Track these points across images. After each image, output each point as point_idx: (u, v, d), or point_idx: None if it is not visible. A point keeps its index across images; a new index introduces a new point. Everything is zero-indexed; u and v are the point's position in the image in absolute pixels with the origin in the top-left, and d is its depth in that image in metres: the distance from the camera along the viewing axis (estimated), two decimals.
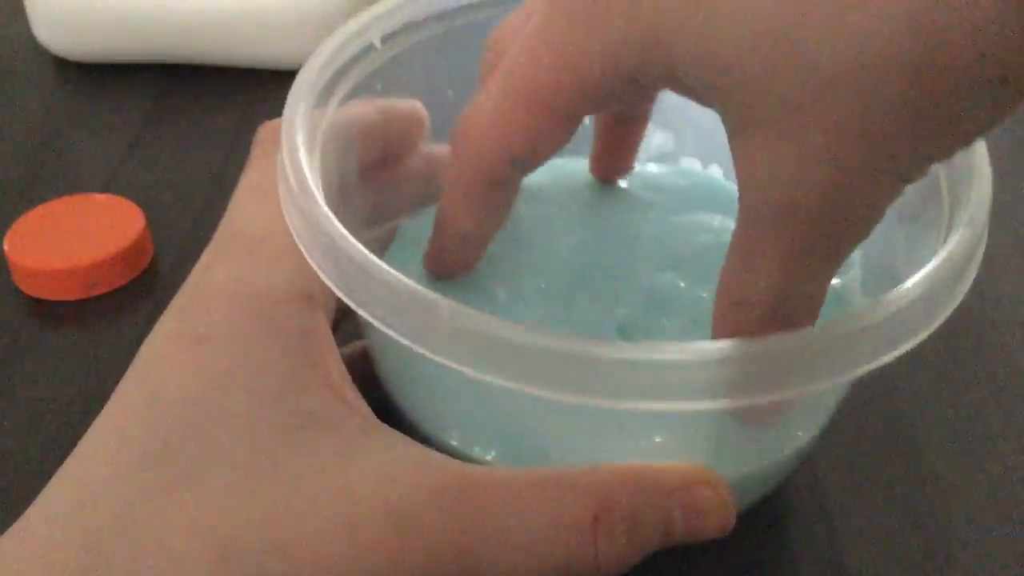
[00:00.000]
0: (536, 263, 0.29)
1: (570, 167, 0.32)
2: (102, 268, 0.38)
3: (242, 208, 0.26)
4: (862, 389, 0.34)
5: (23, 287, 0.38)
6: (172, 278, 0.39)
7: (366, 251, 0.21)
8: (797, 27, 0.17)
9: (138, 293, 0.38)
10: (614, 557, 0.22)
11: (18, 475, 0.31)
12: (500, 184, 0.25)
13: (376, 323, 0.21)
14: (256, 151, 0.28)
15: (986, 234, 0.24)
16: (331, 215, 0.22)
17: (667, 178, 0.33)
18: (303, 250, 0.23)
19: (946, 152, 0.19)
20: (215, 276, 0.24)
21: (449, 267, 0.27)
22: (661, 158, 0.34)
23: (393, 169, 0.29)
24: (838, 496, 0.31)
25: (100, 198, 0.41)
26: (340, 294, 0.22)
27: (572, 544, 0.21)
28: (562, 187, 0.31)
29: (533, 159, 0.24)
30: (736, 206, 0.21)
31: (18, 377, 0.35)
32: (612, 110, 0.30)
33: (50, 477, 0.22)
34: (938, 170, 0.25)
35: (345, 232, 0.22)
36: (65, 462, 0.22)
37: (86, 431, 0.23)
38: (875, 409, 0.33)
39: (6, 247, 0.38)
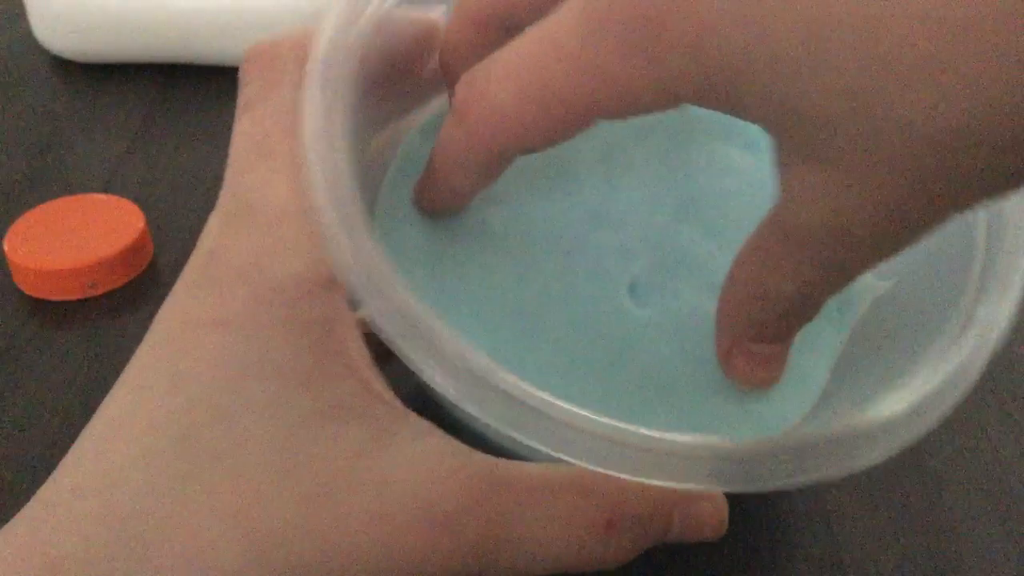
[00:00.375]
0: (546, 205, 0.28)
1: None
2: (102, 268, 0.38)
3: (248, 174, 0.25)
4: None
5: (23, 287, 0.38)
6: (172, 278, 0.39)
7: (421, 305, 0.21)
8: (889, 85, 0.17)
9: (138, 293, 0.38)
10: (620, 556, 0.24)
11: (18, 475, 0.31)
12: (506, 160, 0.24)
13: (415, 368, 0.21)
14: (251, 88, 0.26)
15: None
16: (389, 267, 0.22)
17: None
18: (357, 293, 0.22)
19: (1010, 195, 0.20)
20: (230, 255, 0.24)
21: (438, 210, 0.27)
22: None
23: (407, 82, 0.29)
24: (838, 496, 0.31)
25: (100, 198, 0.41)
26: (386, 341, 0.22)
27: (585, 544, 0.23)
28: None
29: (547, 148, 0.24)
30: (758, 140, 0.22)
31: (18, 377, 0.35)
32: None
33: (50, 477, 0.22)
34: None
35: (410, 298, 0.21)
36: (81, 439, 0.22)
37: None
38: None
39: (6, 247, 0.38)
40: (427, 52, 0.28)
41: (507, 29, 0.26)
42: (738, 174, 0.30)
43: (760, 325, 0.24)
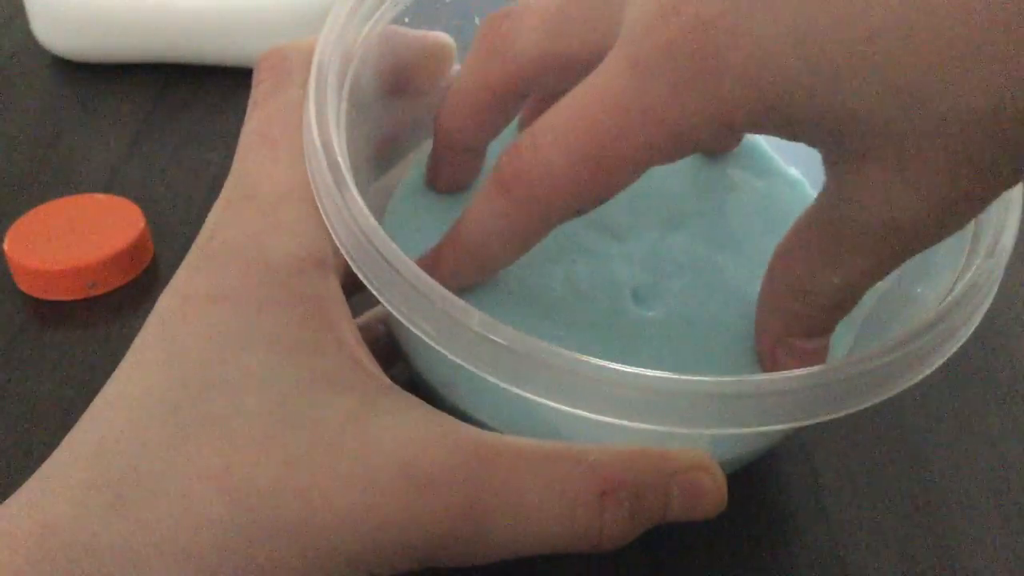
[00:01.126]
0: None
1: None
2: (102, 268, 0.38)
3: (252, 162, 0.26)
4: None
5: (23, 287, 0.38)
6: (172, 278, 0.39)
7: (408, 260, 0.22)
8: (932, 80, 0.19)
9: (138, 293, 0.38)
10: (616, 533, 0.23)
11: (18, 475, 0.31)
12: (552, 226, 0.25)
13: (405, 322, 0.22)
14: (261, 88, 0.27)
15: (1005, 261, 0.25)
16: (375, 224, 0.23)
17: None
18: (344, 253, 0.23)
19: None
20: (228, 236, 0.25)
21: (461, 284, 0.27)
22: None
23: (417, 99, 0.29)
24: (838, 496, 0.31)
25: (100, 198, 0.41)
26: (376, 294, 0.23)
27: (578, 517, 0.22)
28: None
29: (597, 206, 0.24)
30: (766, 165, 0.24)
31: (18, 377, 0.35)
32: None
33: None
34: None
35: (392, 244, 0.22)
36: (85, 414, 0.23)
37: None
38: (875, 409, 0.33)
39: (6, 247, 0.38)
40: (437, 67, 0.29)
41: (523, 97, 0.26)
42: (741, 191, 0.31)
43: (805, 319, 0.25)
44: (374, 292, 0.23)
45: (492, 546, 0.22)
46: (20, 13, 0.53)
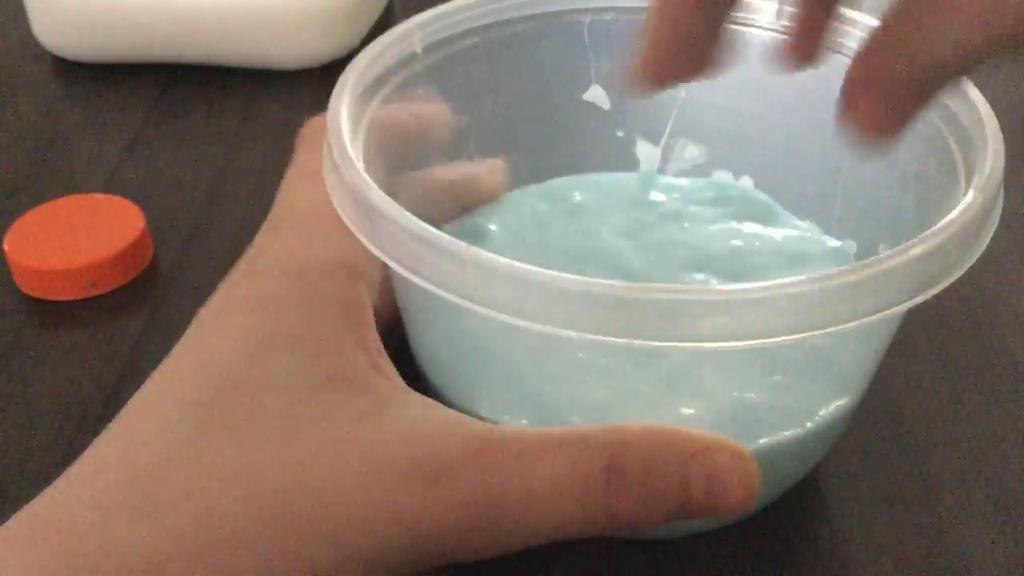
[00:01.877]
0: (573, 267, 0.30)
1: (612, 184, 0.34)
2: (102, 268, 0.38)
3: (292, 190, 0.28)
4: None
5: (23, 287, 0.38)
6: (172, 278, 0.39)
7: (396, 204, 0.23)
8: None
9: (138, 293, 0.38)
10: (627, 512, 0.22)
11: (18, 475, 0.31)
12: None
13: (411, 277, 0.22)
14: (301, 146, 0.29)
15: (1001, 194, 0.24)
16: (364, 173, 0.23)
17: (702, 191, 0.34)
18: (337, 207, 0.24)
19: None
20: (267, 250, 0.26)
21: (667, 70, 0.23)
22: (694, 171, 0.35)
23: (429, 178, 0.31)
24: (838, 497, 0.31)
25: (100, 198, 0.41)
26: (368, 244, 0.23)
27: (586, 496, 0.22)
28: (602, 203, 0.34)
29: None
30: (774, 219, 0.25)
31: (18, 377, 0.35)
32: None
33: (50, 477, 0.23)
34: (947, 135, 0.26)
35: (375, 186, 0.23)
36: (113, 421, 0.24)
37: (86, 432, 0.23)
38: (875, 409, 0.33)
39: (6, 247, 0.38)
40: (438, 133, 0.30)
41: None
42: (754, 240, 0.32)
43: (902, 85, 0.21)
44: (381, 254, 0.23)
45: (506, 536, 0.22)
46: (20, 13, 0.53)
